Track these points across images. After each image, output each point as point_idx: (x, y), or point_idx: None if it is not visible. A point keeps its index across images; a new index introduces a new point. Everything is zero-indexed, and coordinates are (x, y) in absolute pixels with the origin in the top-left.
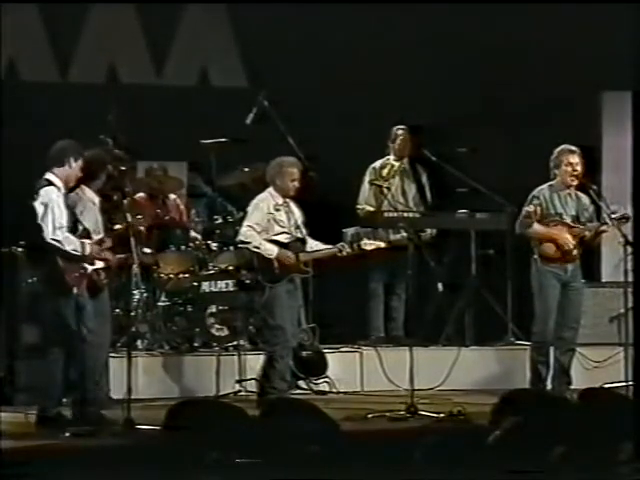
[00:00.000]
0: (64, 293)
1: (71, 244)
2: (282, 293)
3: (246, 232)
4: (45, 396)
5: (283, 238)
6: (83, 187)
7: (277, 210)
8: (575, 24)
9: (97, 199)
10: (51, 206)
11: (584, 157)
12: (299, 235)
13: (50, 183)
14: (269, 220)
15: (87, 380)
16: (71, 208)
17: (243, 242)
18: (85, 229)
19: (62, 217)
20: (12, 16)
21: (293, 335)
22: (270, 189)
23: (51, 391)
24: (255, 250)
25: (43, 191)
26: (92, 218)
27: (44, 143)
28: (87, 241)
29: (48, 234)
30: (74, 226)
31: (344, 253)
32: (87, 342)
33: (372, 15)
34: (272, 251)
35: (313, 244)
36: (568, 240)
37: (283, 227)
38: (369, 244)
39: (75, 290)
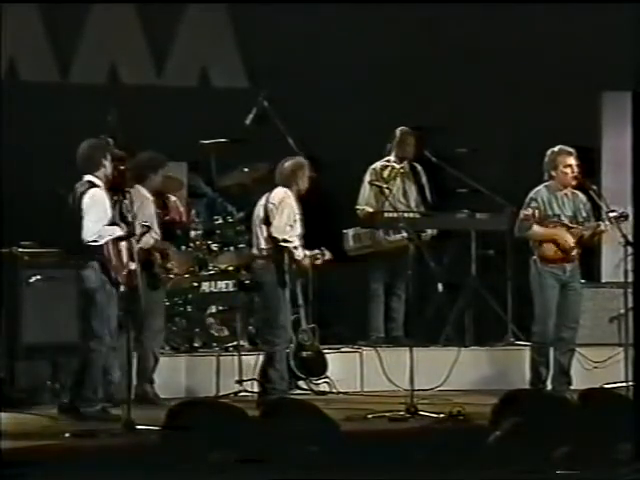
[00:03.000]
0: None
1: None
2: (283, 295)
3: (285, 229)
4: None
5: (297, 238)
6: (137, 186)
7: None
8: (575, 24)
9: (151, 197)
10: (99, 206)
11: (582, 157)
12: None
13: (93, 185)
14: (295, 219)
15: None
16: (125, 206)
17: (285, 240)
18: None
19: (106, 217)
20: (12, 16)
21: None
22: (285, 189)
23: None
24: (292, 249)
25: (90, 192)
26: (148, 215)
27: (44, 143)
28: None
29: (87, 235)
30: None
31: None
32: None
33: (372, 15)
34: (300, 254)
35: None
36: (567, 241)
37: (297, 228)
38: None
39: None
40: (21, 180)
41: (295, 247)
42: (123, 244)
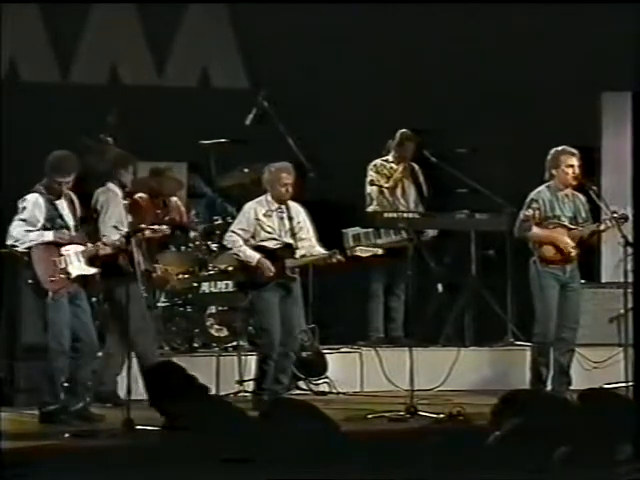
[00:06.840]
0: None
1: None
2: (268, 297)
3: (228, 238)
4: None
5: (271, 244)
6: (108, 184)
7: (268, 216)
8: (575, 24)
9: (121, 194)
10: (25, 211)
11: (582, 158)
12: (290, 241)
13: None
14: (256, 227)
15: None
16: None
17: (226, 247)
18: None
19: (34, 221)
20: (12, 16)
21: (288, 338)
22: (267, 194)
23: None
24: (235, 257)
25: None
26: (117, 213)
27: (44, 143)
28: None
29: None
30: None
31: (334, 260)
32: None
33: (372, 15)
34: (252, 258)
35: (314, 250)
36: (567, 242)
37: (271, 233)
38: (364, 251)
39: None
40: (21, 180)
41: (236, 254)
42: (68, 248)
